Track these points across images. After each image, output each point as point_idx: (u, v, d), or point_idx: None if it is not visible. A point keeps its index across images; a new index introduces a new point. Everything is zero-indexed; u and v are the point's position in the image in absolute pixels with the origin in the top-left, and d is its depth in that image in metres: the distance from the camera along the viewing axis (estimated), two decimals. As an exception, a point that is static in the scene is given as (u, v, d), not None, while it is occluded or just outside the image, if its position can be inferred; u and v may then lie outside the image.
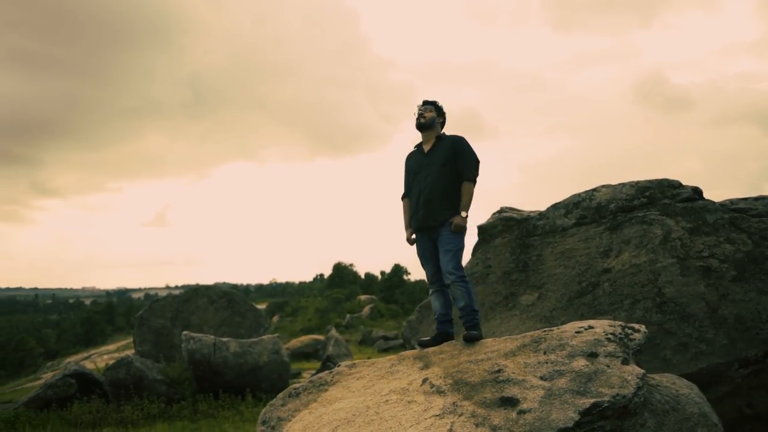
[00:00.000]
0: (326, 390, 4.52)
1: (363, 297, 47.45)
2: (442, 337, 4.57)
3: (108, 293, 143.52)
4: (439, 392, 3.73)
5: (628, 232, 6.09)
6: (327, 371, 4.83)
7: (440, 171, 4.53)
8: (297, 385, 4.78)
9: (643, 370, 3.45)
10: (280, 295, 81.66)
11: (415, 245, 4.75)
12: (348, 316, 37.77)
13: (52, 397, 9.83)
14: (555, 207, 6.81)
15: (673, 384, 3.94)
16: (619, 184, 6.47)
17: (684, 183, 6.35)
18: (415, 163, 4.78)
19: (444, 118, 4.86)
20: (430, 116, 4.72)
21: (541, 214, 6.92)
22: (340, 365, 4.86)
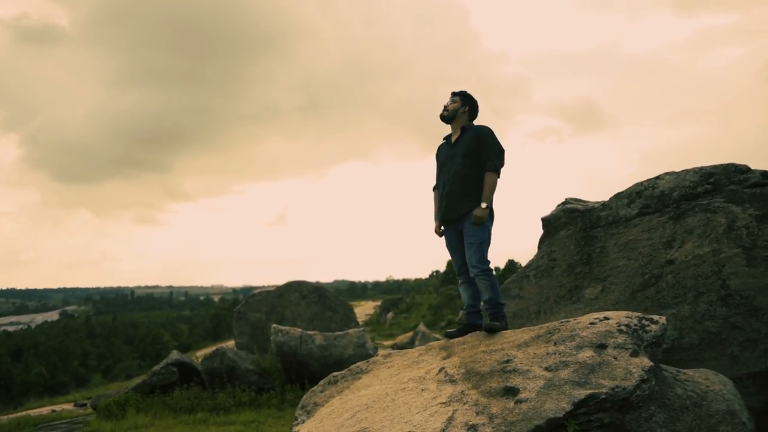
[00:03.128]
0: (360, 378, 4.69)
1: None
2: (469, 328, 4.57)
3: (234, 291, 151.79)
4: (451, 381, 3.78)
5: (691, 221, 5.76)
6: (364, 360, 4.99)
7: (463, 162, 4.51)
8: (336, 374, 4.99)
9: (651, 363, 3.30)
10: (396, 292, 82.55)
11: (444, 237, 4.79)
12: (461, 312, 37.62)
13: (157, 383, 10.69)
14: (618, 197, 6.56)
15: (706, 380, 3.73)
16: (683, 170, 6.12)
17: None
18: (443, 154, 4.80)
19: (471, 107, 4.78)
20: (454, 107, 4.70)
21: (603, 205, 6.68)
22: (378, 355, 5.00)
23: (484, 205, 4.37)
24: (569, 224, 7.04)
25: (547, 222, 7.28)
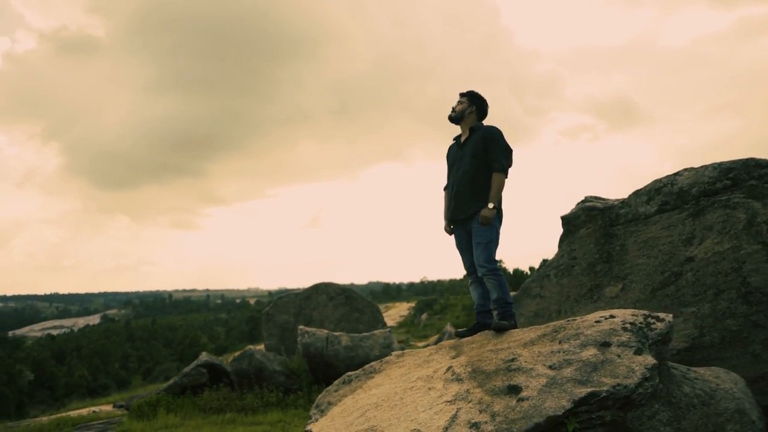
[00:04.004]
0: (372, 377, 4.75)
1: (512, 293, 46.54)
2: (479, 327, 4.59)
3: (270, 293, 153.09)
4: (458, 380, 3.81)
5: (710, 217, 5.67)
6: (378, 360, 5.04)
7: (471, 162, 4.53)
8: (350, 373, 5.06)
9: (655, 361, 3.27)
10: (431, 293, 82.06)
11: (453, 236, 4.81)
12: (494, 314, 37.36)
13: (187, 384, 10.91)
14: (636, 194, 6.48)
15: (716, 378, 3.68)
16: (702, 166, 6.02)
17: None
18: (452, 155, 4.82)
19: (479, 107, 4.76)
20: (461, 108, 4.71)
21: (623, 202, 6.61)
22: (392, 354, 5.05)
23: (491, 205, 4.38)
24: (589, 222, 6.98)
25: (566, 220, 7.23)
